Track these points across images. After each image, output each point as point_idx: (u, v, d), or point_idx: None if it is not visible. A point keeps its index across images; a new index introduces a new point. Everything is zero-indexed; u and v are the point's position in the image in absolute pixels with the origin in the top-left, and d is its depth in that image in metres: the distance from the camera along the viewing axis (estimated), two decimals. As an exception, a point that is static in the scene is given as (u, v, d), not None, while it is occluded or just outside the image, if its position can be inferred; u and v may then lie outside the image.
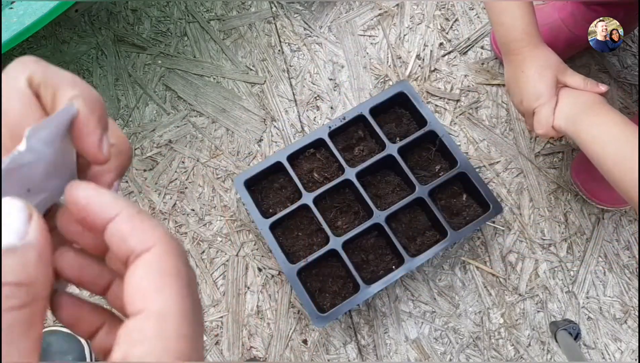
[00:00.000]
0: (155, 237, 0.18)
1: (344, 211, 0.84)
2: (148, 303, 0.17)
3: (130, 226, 0.18)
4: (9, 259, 0.16)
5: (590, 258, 0.87)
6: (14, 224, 0.16)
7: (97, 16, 1.01)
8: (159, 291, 0.17)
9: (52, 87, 0.19)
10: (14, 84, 0.18)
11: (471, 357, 0.84)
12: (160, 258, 0.18)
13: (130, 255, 0.18)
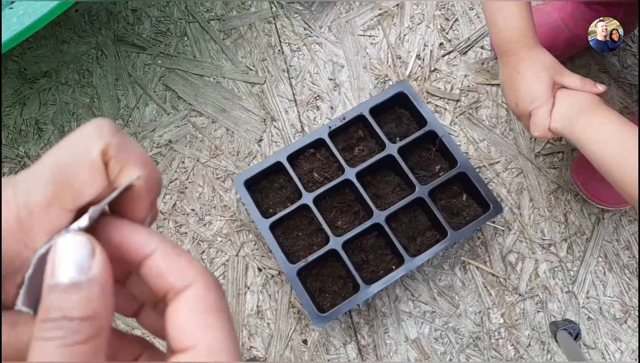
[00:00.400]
0: (194, 273, 0.19)
1: (344, 211, 0.84)
2: (197, 340, 0.18)
3: (167, 263, 0.19)
4: (74, 294, 0.17)
5: (590, 258, 0.87)
6: (78, 259, 0.17)
7: (97, 16, 1.01)
8: (206, 328, 0.18)
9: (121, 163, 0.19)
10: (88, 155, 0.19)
11: (471, 357, 0.84)
12: (202, 294, 0.18)
13: (169, 290, 0.19)
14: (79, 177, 0.18)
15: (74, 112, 0.96)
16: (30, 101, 0.97)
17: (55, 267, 0.17)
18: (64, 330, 0.16)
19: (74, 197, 0.18)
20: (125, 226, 0.19)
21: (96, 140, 0.19)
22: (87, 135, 0.19)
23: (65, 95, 0.97)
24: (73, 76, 0.98)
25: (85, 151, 0.19)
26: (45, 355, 0.16)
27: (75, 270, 0.17)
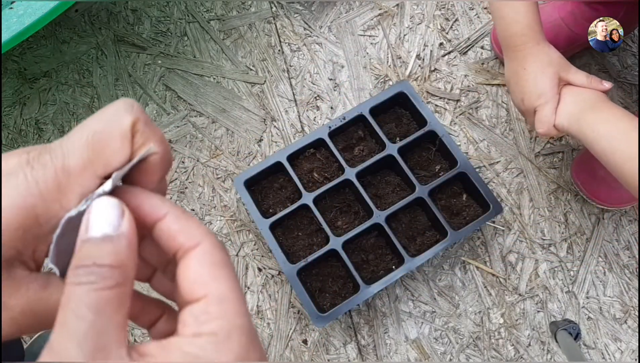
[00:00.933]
0: (201, 233, 0.21)
1: (344, 211, 0.84)
2: (208, 290, 0.20)
3: (177, 225, 0.21)
4: (105, 246, 0.19)
5: (590, 258, 0.87)
6: (110, 218, 0.19)
7: (97, 16, 1.01)
8: (216, 280, 0.20)
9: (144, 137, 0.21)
10: (121, 123, 0.21)
11: (471, 357, 0.84)
12: (210, 251, 0.20)
13: (179, 249, 0.21)
14: (111, 145, 0.20)
15: (74, 112, 0.96)
16: (30, 101, 0.97)
17: (90, 224, 0.19)
18: (94, 276, 0.18)
19: (105, 163, 0.21)
20: (141, 193, 0.22)
21: (127, 114, 0.21)
22: (119, 109, 0.21)
23: (65, 95, 0.97)
24: (73, 76, 0.98)
25: (118, 123, 0.21)
26: (77, 299, 0.18)
27: (107, 226, 0.19)
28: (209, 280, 0.20)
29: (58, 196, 0.20)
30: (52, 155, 0.20)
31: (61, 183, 0.20)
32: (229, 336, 0.19)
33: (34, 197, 0.19)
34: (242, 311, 0.20)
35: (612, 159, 0.60)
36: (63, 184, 0.20)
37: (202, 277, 0.20)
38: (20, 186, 0.19)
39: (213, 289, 0.20)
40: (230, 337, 0.19)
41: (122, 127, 0.21)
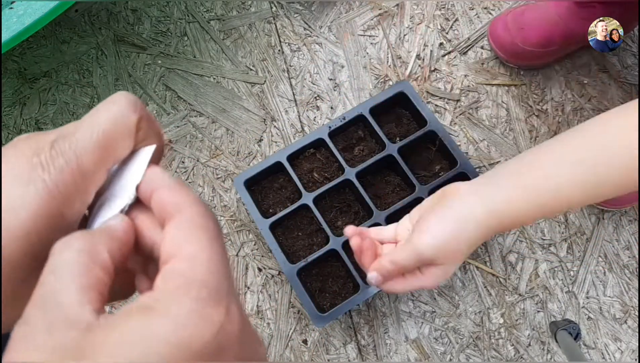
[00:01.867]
0: (187, 201, 0.22)
1: (344, 211, 0.84)
2: (180, 250, 0.20)
3: (168, 195, 0.22)
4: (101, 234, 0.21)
5: (590, 258, 0.87)
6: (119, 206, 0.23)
7: (97, 16, 1.01)
8: (189, 241, 0.20)
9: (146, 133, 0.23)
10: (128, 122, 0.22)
11: (471, 357, 0.84)
12: (190, 218, 0.21)
13: (165, 217, 0.22)
14: (120, 144, 0.22)
15: (74, 112, 0.96)
16: (30, 101, 0.97)
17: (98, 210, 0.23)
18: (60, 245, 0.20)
19: (115, 159, 0.23)
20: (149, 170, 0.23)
21: (133, 113, 0.22)
22: (124, 108, 0.22)
23: (65, 95, 0.97)
24: (73, 76, 0.98)
25: (125, 122, 0.22)
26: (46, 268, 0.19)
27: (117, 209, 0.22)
28: (182, 242, 0.20)
29: (78, 196, 0.21)
30: (65, 158, 0.21)
31: (79, 183, 0.21)
32: (187, 291, 0.19)
33: (58, 202, 0.21)
34: (212, 269, 0.20)
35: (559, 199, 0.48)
36: (80, 184, 0.21)
37: (176, 239, 0.20)
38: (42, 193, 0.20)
39: (185, 249, 0.20)
40: (189, 291, 0.19)
41: (130, 126, 0.22)
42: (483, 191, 0.50)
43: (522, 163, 0.51)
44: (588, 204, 0.51)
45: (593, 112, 0.93)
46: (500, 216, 0.49)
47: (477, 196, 0.49)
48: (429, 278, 0.51)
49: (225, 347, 0.19)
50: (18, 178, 0.20)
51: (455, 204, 0.50)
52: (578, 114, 0.93)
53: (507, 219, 0.49)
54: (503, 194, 0.49)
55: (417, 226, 0.51)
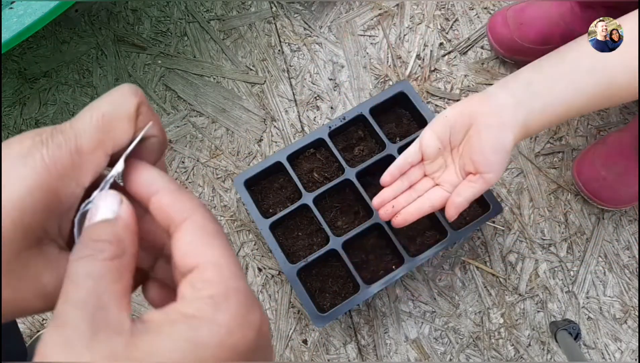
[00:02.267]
0: (192, 206, 0.22)
1: (344, 211, 0.84)
2: (202, 258, 0.20)
3: (169, 199, 0.22)
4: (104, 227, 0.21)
5: (590, 258, 0.87)
6: (109, 206, 0.21)
7: (97, 16, 1.01)
8: (208, 247, 0.21)
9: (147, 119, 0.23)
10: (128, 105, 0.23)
11: (471, 357, 0.84)
12: (200, 224, 0.21)
13: (171, 224, 0.21)
14: (119, 126, 0.22)
15: (74, 112, 0.96)
16: (30, 101, 0.97)
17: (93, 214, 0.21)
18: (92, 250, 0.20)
19: (114, 143, 0.22)
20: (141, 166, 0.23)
21: (133, 97, 0.23)
22: (125, 93, 0.23)
23: (65, 95, 0.97)
24: (73, 76, 0.98)
25: (125, 105, 0.22)
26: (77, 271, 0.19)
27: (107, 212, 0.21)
28: (201, 249, 0.21)
29: (73, 175, 0.21)
30: (64, 136, 0.21)
31: (75, 162, 0.21)
32: (226, 298, 0.19)
33: (53, 178, 0.21)
34: (238, 274, 0.20)
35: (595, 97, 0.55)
36: (77, 163, 0.21)
37: (194, 247, 0.21)
38: (39, 168, 0.20)
39: (207, 257, 0.20)
40: (228, 298, 0.19)
41: (129, 109, 0.22)
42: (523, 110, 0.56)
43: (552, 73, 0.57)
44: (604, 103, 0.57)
45: (593, 112, 0.93)
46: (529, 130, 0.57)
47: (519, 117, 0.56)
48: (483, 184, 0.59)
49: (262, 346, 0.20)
50: (19, 154, 0.21)
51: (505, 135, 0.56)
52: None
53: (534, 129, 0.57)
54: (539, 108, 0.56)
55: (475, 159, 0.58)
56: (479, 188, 0.58)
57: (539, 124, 0.57)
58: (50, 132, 0.21)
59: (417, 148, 0.62)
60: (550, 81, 0.56)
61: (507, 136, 0.56)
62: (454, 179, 0.61)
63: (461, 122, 0.59)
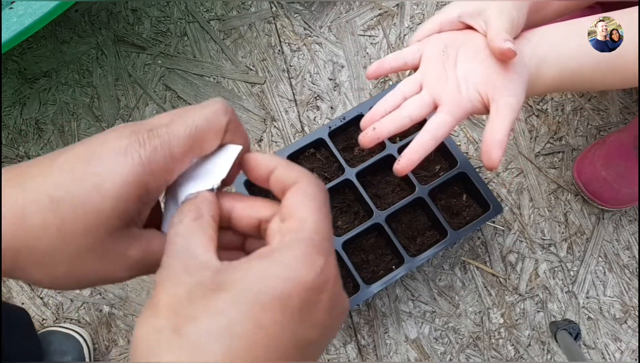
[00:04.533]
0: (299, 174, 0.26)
1: (344, 211, 0.84)
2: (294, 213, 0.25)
3: (284, 172, 0.26)
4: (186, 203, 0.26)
5: (590, 258, 0.87)
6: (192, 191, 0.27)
7: (97, 16, 1.01)
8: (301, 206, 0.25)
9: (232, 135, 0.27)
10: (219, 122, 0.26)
11: (471, 357, 0.84)
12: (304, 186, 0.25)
13: (285, 189, 0.26)
14: (208, 139, 0.26)
15: (74, 112, 0.96)
16: (30, 101, 0.97)
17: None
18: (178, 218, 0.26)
19: (201, 152, 0.27)
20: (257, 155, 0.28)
21: (224, 115, 0.27)
22: (218, 110, 0.27)
23: (65, 95, 0.97)
24: (73, 76, 0.98)
25: (217, 122, 0.26)
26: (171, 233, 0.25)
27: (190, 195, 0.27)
28: (297, 205, 0.25)
29: (164, 175, 0.25)
30: (160, 141, 0.25)
31: (168, 165, 0.25)
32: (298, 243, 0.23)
33: (147, 175, 0.24)
34: (318, 229, 0.24)
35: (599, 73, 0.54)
36: (169, 166, 0.25)
37: (292, 204, 0.25)
38: (137, 166, 0.24)
39: (298, 212, 0.25)
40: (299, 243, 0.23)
41: (219, 126, 0.26)
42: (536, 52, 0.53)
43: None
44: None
45: (593, 112, 0.93)
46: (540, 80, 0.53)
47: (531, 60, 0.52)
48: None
49: (324, 288, 0.23)
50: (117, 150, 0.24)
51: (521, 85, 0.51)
52: (578, 114, 0.93)
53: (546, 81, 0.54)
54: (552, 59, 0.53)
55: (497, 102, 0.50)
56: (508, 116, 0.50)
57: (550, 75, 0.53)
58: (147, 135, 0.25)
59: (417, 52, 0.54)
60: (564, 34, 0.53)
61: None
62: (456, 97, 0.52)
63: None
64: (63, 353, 0.79)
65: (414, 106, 0.53)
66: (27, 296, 0.87)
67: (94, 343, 0.85)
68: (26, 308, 0.87)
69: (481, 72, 0.52)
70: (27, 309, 0.86)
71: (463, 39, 0.54)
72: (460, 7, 0.55)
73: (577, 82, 0.54)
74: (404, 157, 0.52)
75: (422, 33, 0.56)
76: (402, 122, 0.52)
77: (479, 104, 0.52)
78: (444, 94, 0.52)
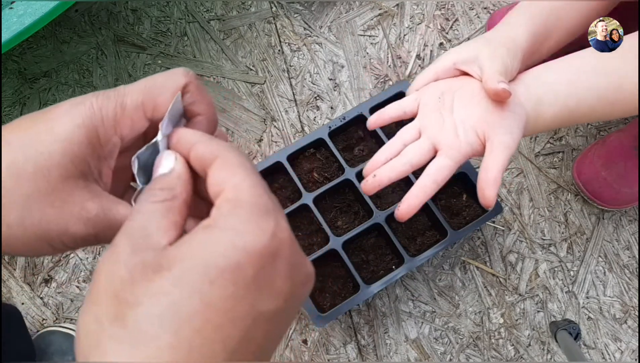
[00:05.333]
0: (220, 148, 0.24)
1: (344, 211, 0.84)
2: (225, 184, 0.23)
3: (202, 147, 0.25)
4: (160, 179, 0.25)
5: (590, 258, 0.87)
6: (166, 163, 0.25)
7: (97, 16, 1.01)
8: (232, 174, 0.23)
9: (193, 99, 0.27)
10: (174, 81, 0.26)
11: (471, 357, 0.84)
12: (226, 157, 0.24)
13: (205, 167, 0.24)
14: (161, 95, 0.26)
15: (74, 112, 0.96)
16: (30, 101, 0.97)
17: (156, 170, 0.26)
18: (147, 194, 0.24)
19: (153, 108, 0.26)
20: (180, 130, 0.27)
21: (182, 77, 0.27)
22: (177, 73, 0.27)
23: (65, 95, 0.97)
24: (73, 76, 0.98)
25: (172, 81, 0.26)
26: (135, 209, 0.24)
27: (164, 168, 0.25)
28: (226, 178, 0.23)
29: (114, 124, 0.25)
30: (115, 93, 0.25)
31: (118, 114, 0.25)
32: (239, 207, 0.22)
33: (97, 120, 0.25)
34: (256, 192, 0.23)
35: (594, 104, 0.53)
36: (119, 115, 0.25)
37: (220, 178, 0.24)
38: (87, 111, 0.25)
39: (229, 183, 0.23)
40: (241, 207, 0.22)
41: (174, 84, 0.26)
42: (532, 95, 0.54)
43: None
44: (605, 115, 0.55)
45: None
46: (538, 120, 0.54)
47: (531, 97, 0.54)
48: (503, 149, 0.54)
49: (279, 252, 0.22)
50: (74, 102, 0.25)
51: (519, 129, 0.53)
52: (578, 114, 0.93)
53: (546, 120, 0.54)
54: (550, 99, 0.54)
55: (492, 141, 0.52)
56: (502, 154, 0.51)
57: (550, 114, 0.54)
58: (105, 91, 0.25)
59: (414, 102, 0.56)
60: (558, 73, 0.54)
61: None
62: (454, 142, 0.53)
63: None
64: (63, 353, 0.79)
65: (414, 152, 0.54)
66: (27, 296, 0.87)
67: (94, 343, 0.85)
68: (26, 308, 0.87)
69: (477, 114, 0.53)
70: (27, 309, 0.87)
71: (459, 85, 0.56)
72: (454, 55, 0.57)
73: (579, 118, 0.55)
74: (404, 203, 0.53)
75: (420, 82, 0.59)
76: (402, 169, 0.54)
77: (477, 146, 0.53)
78: (443, 140, 0.53)
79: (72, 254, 0.89)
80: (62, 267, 0.89)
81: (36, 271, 0.88)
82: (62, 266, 0.89)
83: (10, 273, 0.88)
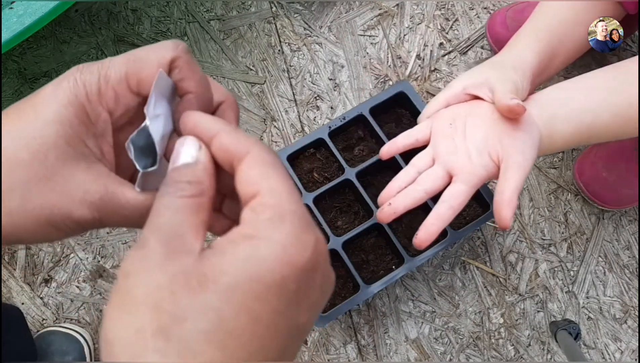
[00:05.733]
0: (251, 143, 0.23)
1: (344, 211, 0.84)
2: (261, 185, 0.22)
3: (229, 138, 0.23)
4: (185, 170, 0.23)
5: (590, 258, 0.87)
6: (188, 151, 0.24)
7: (97, 16, 1.01)
8: (266, 177, 0.22)
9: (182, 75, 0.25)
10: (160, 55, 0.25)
11: (471, 357, 0.84)
12: (260, 155, 0.23)
13: (233, 160, 0.23)
14: (146, 69, 0.25)
15: (74, 112, 0.96)
16: (30, 101, 0.97)
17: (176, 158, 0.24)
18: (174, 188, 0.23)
19: (138, 81, 0.25)
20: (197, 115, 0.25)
21: (170, 50, 0.25)
22: (164, 45, 0.25)
23: (65, 95, 0.97)
24: (73, 76, 0.98)
25: (158, 54, 0.25)
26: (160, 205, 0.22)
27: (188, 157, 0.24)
28: (260, 178, 0.22)
29: (99, 99, 0.24)
30: (99, 66, 0.24)
31: (102, 87, 0.24)
32: (282, 218, 0.21)
33: (82, 97, 0.24)
34: (294, 199, 0.22)
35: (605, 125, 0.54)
36: (103, 88, 0.24)
37: (254, 177, 0.22)
38: (72, 88, 0.24)
39: (266, 184, 0.22)
40: (284, 219, 0.21)
41: (160, 57, 0.25)
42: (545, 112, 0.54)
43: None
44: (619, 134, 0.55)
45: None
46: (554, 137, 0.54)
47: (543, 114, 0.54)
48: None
49: (319, 264, 0.22)
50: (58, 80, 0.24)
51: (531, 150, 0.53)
52: (578, 114, 0.93)
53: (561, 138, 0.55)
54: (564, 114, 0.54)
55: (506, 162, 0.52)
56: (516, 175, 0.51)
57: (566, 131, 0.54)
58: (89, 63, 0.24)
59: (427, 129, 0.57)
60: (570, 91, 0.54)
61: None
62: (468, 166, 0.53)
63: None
64: (64, 353, 0.79)
65: (428, 179, 0.55)
66: (27, 296, 0.87)
67: (94, 343, 0.85)
68: (26, 308, 0.87)
69: (490, 136, 0.53)
70: (27, 309, 0.87)
71: (470, 109, 0.56)
72: (463, 81, 0.57)
73: (595, 134, 0.55)
74: (421, 230, 0.53)
75: (430, 110, 0.59)
76: (417, 196, 0.54)
77: (492, 168, 0.53)
78: (457, 165, 0.54)
79: (72, 254, 0.89)
80: (62, 267, 0.89)
81: (36, 271, 0.88)
82: (62, 266, 0.89)
83: (10, 273, 0.88)
